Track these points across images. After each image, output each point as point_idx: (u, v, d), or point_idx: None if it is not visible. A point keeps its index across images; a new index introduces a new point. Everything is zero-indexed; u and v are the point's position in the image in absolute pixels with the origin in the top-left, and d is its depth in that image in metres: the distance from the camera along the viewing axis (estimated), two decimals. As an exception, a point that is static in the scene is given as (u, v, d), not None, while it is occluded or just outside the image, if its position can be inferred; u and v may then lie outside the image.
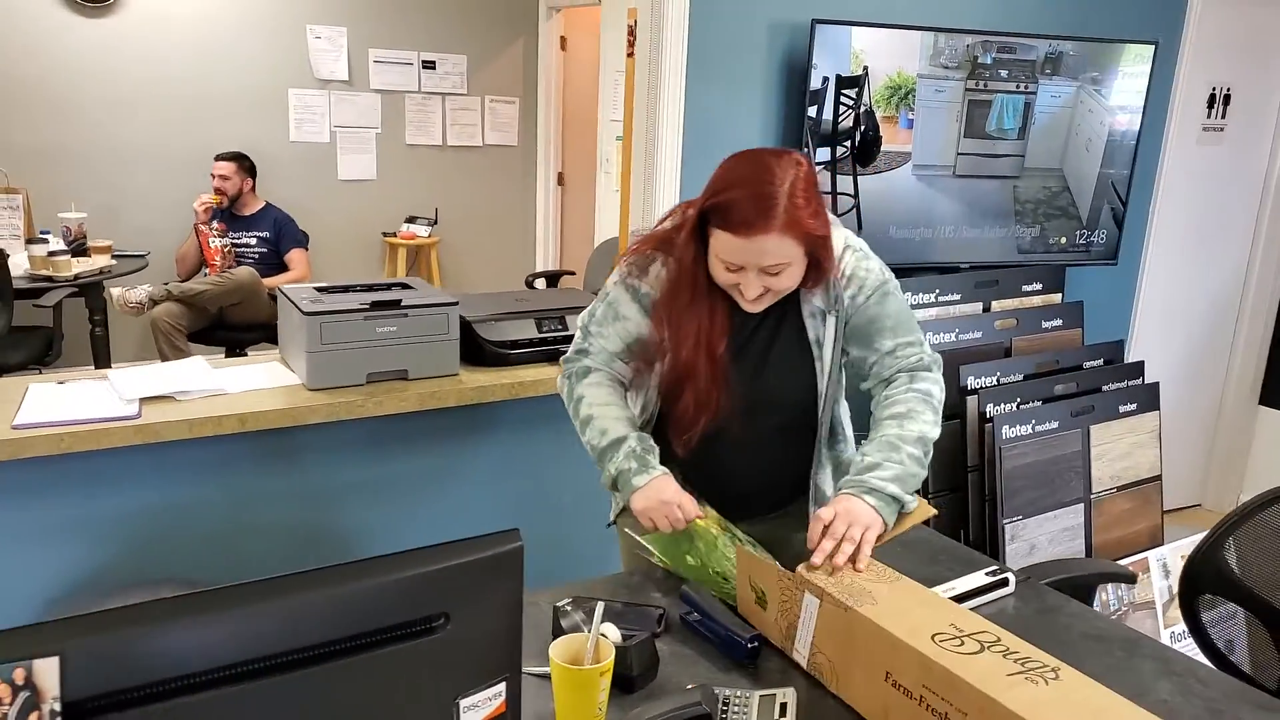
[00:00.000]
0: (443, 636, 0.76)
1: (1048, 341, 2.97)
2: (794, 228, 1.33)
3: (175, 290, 4.11)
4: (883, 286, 1.48)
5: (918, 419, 1.44)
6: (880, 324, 1.49)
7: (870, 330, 1.49)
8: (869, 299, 1.48)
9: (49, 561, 1.90)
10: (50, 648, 0.62)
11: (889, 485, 1.38)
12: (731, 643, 1.30)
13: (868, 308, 1.48)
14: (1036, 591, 1.52)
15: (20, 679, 0.62)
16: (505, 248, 5.83)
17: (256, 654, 0.69)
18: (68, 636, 0.64)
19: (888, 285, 1.49)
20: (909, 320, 1.51)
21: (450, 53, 5.41)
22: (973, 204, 2.77)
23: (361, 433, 2.15)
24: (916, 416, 1.44)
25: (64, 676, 0.63)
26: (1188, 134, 3.50)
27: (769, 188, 1.33)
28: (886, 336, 1.49)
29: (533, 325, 2.35)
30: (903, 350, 1.50)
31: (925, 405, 1.46)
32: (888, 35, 2.54)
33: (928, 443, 1.44)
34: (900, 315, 1.50)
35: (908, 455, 1.40)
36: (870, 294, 1.47)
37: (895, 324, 1.49)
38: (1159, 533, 2.99)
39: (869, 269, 1.48)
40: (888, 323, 1.48)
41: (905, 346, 1.50)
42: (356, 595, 0.73)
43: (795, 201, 1.33)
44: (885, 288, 1.49)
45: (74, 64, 4.61)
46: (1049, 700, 1.00)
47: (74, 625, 0.64)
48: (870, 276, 1.48)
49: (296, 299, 2.15)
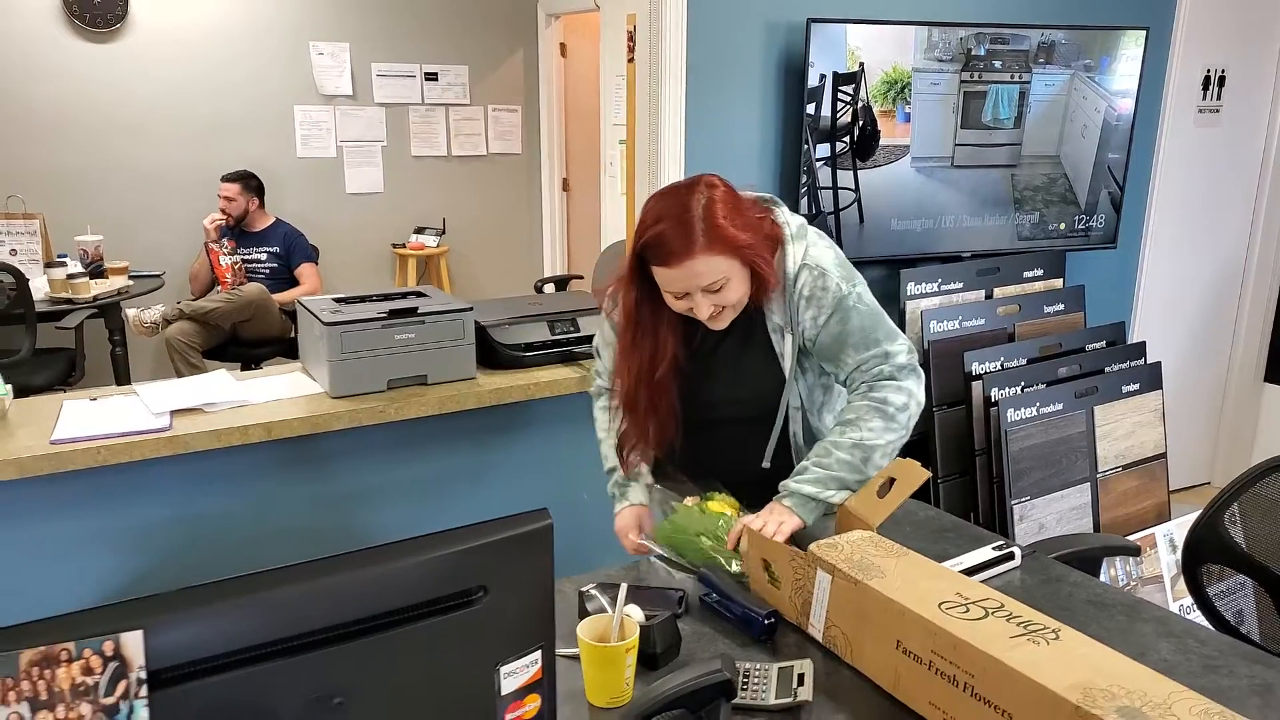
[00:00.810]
0: (482, 608, 0.82)
1: (1050, 326, 3.02)
2: (718, 244, 1.44)
3: (187, 309, 4.19)
4: (841, 304, 1.54)
5: (861, 426, 1.54)
6: (843, 341, 1.56)
7: (835, 348, 1.57)
8: (830, 319, 1.55)
9: (88, 570, 1.98)
10: (135, 623, 0.69)
11: (805, 487, 1.52)
12: (749, 620, 1.36)
13: (830, 327, 1.55)
14: (1042, 564, 1.57)
15: (109, 651, 0.69)
16: (513, 254, 5.90)
17: (314, 626, 0.76)
18: (150, 613, 0.71)
19: (847, 300, 1.54)
20: (873, 331, 1.56)
21: (452, 64, 5.48)
22: (972, 193, 2.83)
23: (384, 437, 2.22)
24: (860, 424, 1.54)
25: (147, 648, 0.70)
26: (1184, 116, 3.55)
27: (686, 214, 1.44)
28: (850, 352, 1.56)
29: (545, 328, 2.42)
30: (866, 364, 1.57)
31: (874, 413, 1.54)
32: (882, 31, 2.60)
33: (867, 448, 1.53)
34: (863, 329, 1.55)
35: (837, 460, 1.53)
36: (830, 314, 1.54)
37: (859, 339, 1.55)
38: (1165, 509, 3.04)
39: (825, 287, 1.53)
40: (850, 339, 1.55)
41: (869, 360, 1.56)
42: (403, 571, 0.79)
43: (714, 221, 1.43)
44: (844, 303, 1.54)
45: (83, 89, 4.70)
46: (1050, 658, 1.06)
47: (155, 602, 0.71)
48: (827, 296, 1.53)
49: (317, 310, 2.22)
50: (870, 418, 1.54)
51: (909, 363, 1.58)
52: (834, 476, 1.52)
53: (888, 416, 1.54)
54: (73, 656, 0.68)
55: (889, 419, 1.54)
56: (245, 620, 0.74)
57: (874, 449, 1.53)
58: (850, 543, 1.36)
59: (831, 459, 1.53)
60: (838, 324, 1.55)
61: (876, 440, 1.53)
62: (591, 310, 2.48)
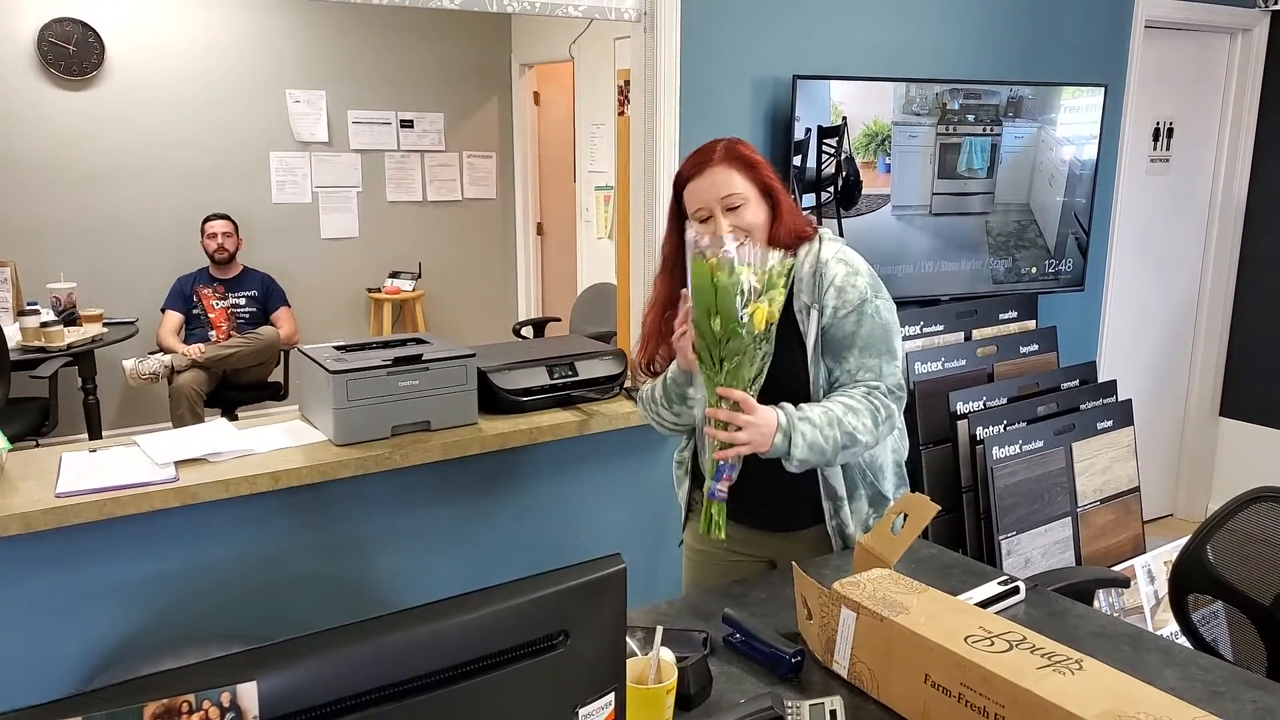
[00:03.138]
0: (563, 652, 0.86)
1: (1026, 366, 3.14)
2: (735, 160, 1.63)
3: (201, 359, 4.16)
4: (862, 306, 1.62)
5: (858, 415, 1.60)
6: (852, 341, 1.63)
7: (843, 344, 1.64)
8: (847, 315, 1.62)
9: (97, 623, 1.96)
10: (249, 674, 0.72)
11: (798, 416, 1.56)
12: (776, 659, 1.40)
13: (845, 323, 1.63)
14: (1044, 598, 1.64)
15: (226, 701, 0.71)
16: (489, 298, 5.95)
17: (413, 673, 0.79)
18: (261, 663, 0.73)
19: (868, 306, 1.63)
20: (880, 344, 1.64)
21: (427, 111, 5.55)
22: (948, 240, 2.94)
23: (389, 484, 2.24)
24: (858, 414, 1.60)
25: (261, 698, 0.72)
26: (1137, 166, 3.73)
27: (707, 145, 1.68)
28: (854, 354, 1.63)
29: (544, 372, 2.46)
30: (862, 372, 1.63)
31: (869, 413, 1.61)
32: (863, 87, 2.72)
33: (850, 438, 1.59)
34: (873, 338, 1.63)
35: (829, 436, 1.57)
36: (849, 311, 1.62)
37: (865, 344, 1.63)
38: (1140, 541, 3.15)
39: (855, 285, 1.63)
40: (859, 342, 1.63)
41: (866, 368, 1.63)
42: (492, 618, 0.83)
43: (734, 145, 1.66)
44: (865, 308, 1.62)
45: (58, 136, 4.68)
46: (1077, 688, 1.12)
47: (266, 653, 0.74)
48: (853, 293, 1.62)
49: (320, 359, 2.24)
50: (865, 415, 1.60)
51: (898, 387, 1.66)
52: (818, 443, 1.56)
53: (875, 424, 1.62)
54: (193, 708, 0.70)
55: (874, 427, 1.61)
56: (348, 669, 0.77)
57: (855, 444, 1.60)
58: (871, 580, 1.41)
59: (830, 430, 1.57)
60: (853, 324, 1.62)
61: (860, 437, 1.60)
62: (589, 354, 2.53)
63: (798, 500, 1.74)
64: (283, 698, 0.74)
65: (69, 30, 4.58)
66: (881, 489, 1.77)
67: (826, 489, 1.72)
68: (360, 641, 0.78)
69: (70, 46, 4.59)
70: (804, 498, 1.73)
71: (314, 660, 0.77)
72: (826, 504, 1.73)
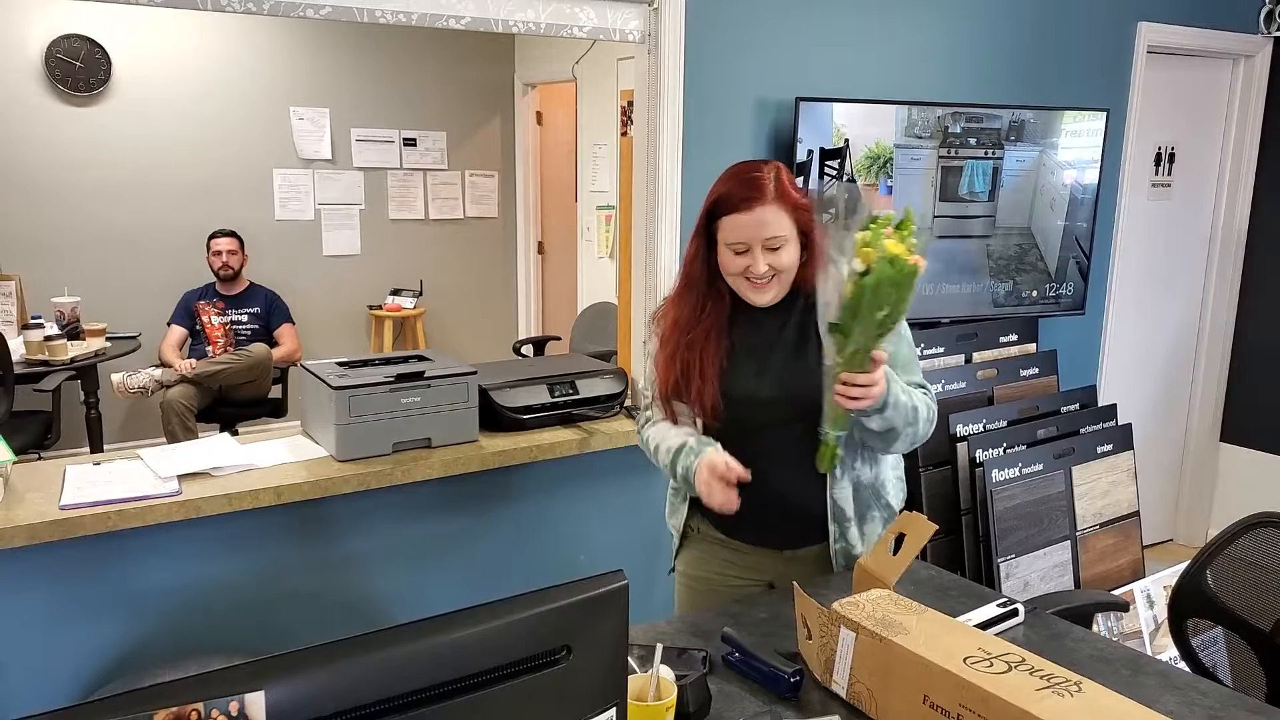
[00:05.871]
0: (566, 667, 0.86)
1: (1026, 389, 3.15)
2: (784, 199, 1.58)
3: (190, 374, 4.15)
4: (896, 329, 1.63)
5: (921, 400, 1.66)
6: (892, 362, 1.63)
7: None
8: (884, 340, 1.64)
9: (100, 635, 1.96)
10: (257, 684, 0.73)
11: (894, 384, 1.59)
12: (775, 678, 1.40)
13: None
14: (1043, 620, 1.64)
15: (235, 710, 0.72)
16: (489, 316, 5.96)
17: (419, 686, 0.80)
18: (269, 673, 0.74)
19: (899, 329, 1.65)
20: (912, 362, 1.70)
21: (430, 130, 5.59)
22: (949, 262, 2.96)
23: (390, 500, 2.24)
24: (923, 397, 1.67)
25: (268, 707, 0.73)
26: (1139, 191, 3.76)
27: (757, 174, 1.60)
28: (898, 373, 1.65)
29: (545, 390, 2.47)
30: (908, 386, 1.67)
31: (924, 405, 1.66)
32: (866, 109, 2.75)
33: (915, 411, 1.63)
34: (908, 358, 1.69)
35: (902, 388, 1.61)
36: None
37: (903, 364, 1.67)
38: (1140, 566, 3.14)
39: None
40: (898, 362, 1.66)
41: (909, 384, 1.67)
42: (496, 631, 0.84)
43: (781, 181, 1.60)
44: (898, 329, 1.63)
45: (63, 151, 4.71)
46: (1076, 710, 1.12)
47: (274, 664, 0.75)
48: None
49: (323, 375, 2.25)
50: (920, 404, 1.65)
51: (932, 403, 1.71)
52: (900, 401, 1.59)
53: (928, 417, 1.67)
54: (202, 717, 0.71)
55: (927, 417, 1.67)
56: (355, 680, 0.77)
57: (915, 422, 1.64)
58: (871, 601, 1.42)
59: (904, 397, 1.61)
60: (891, 347, 1.61)
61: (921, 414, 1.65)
62: (590, 373, 2.54)
63: (805, 522, 1.74)
64: (289, 708, 0.75)
65: (76, 46, 4.62)
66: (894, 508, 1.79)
67: (834, 510, 1.73)
68: (366, 653, 0.79)
69: (77, 63, 4.63)
70: (811, 519, 1.74)
71: (320, 671, 0.77)
72: (833, 526, 1.73)
